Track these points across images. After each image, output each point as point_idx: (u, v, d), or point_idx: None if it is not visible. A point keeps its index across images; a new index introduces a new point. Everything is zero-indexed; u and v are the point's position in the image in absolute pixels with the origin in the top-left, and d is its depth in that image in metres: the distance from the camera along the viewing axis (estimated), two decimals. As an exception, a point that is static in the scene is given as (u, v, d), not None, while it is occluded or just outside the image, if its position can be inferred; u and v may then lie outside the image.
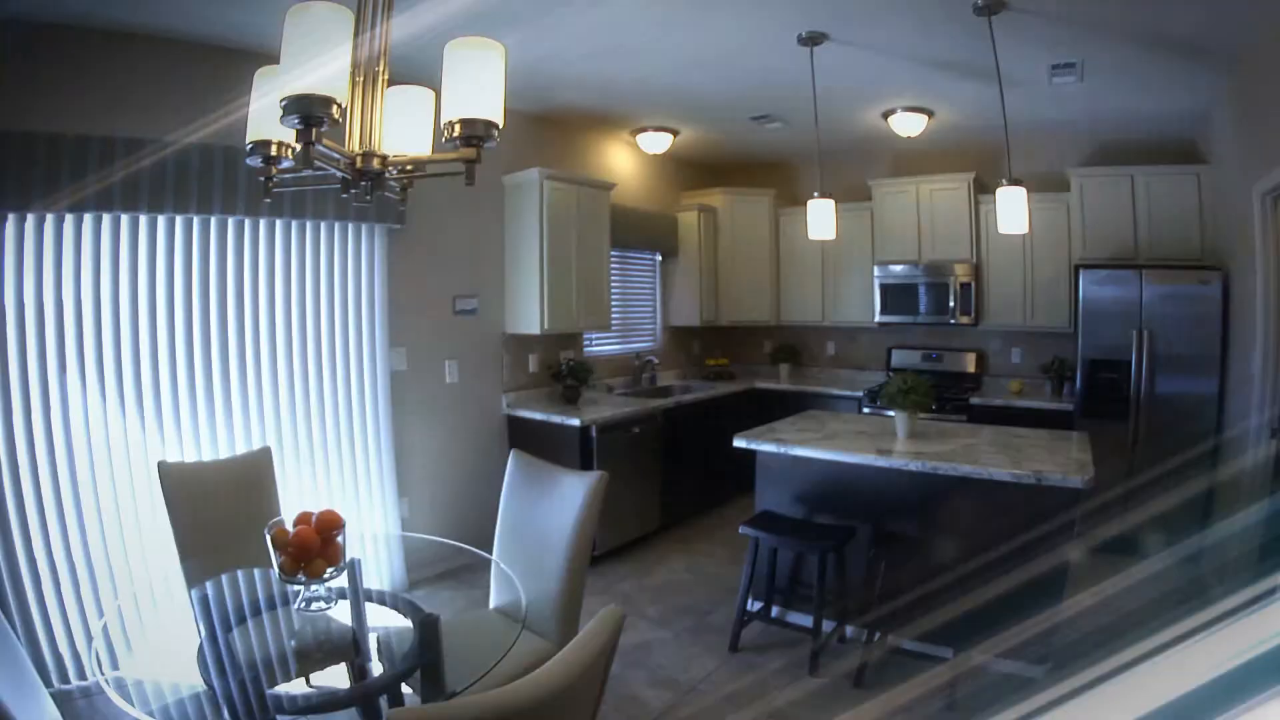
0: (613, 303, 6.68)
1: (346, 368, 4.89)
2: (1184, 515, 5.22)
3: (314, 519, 2.39)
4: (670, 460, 6.24)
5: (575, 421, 5.45)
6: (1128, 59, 4.69)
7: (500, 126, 1.98)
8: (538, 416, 5.73)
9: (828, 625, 4.16)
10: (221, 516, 3.30)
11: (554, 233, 5.74)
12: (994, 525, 3.84)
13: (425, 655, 2.39)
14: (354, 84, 1.92)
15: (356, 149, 1.97)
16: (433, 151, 2.20)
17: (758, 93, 5.62)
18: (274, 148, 2.13)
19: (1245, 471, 4.58)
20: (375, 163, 1.99)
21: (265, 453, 3.74)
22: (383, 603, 2.74)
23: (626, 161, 7.21)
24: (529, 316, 5.75)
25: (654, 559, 5.76)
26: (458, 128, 1.92)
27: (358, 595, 2.60)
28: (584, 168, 6.64)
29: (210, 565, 2.92)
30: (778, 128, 6.46)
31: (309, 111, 1.69)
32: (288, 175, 2.21)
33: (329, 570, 2.35)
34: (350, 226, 4.82)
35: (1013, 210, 4.19)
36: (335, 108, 1.72)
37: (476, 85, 1.94)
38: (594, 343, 6.84)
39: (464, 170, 2.03)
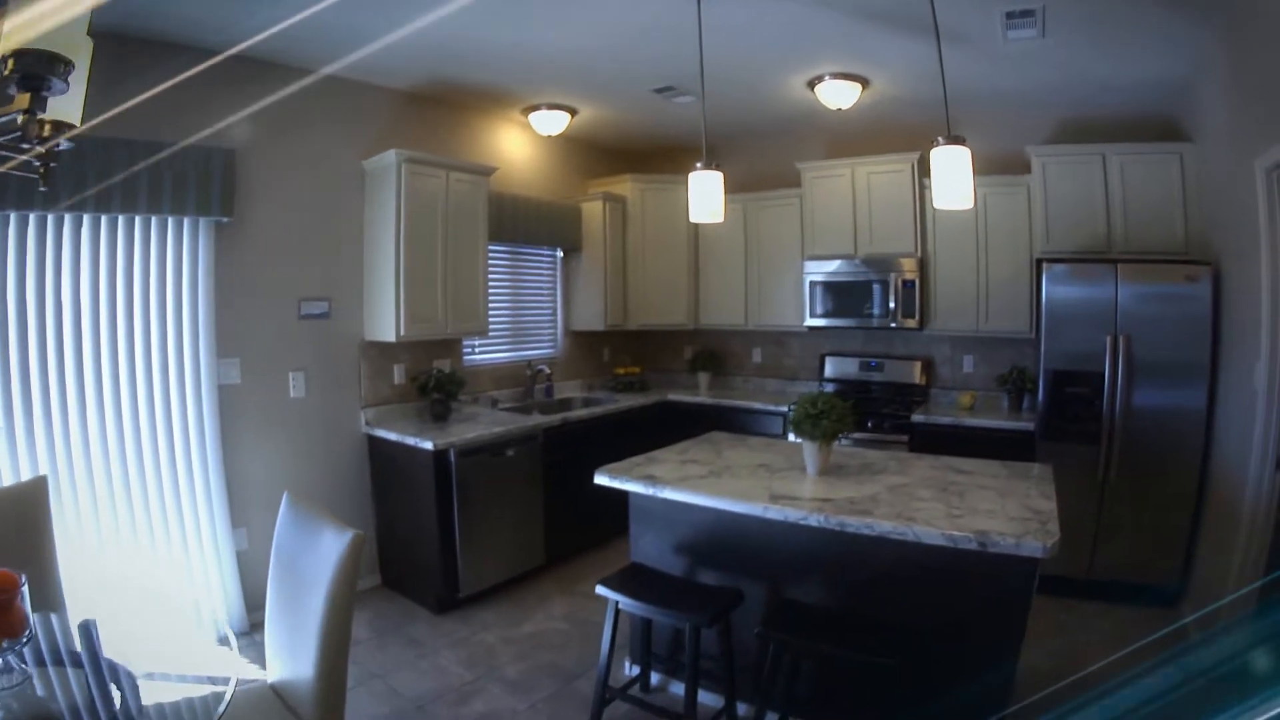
0: (499, 304, 5.67)
1: (165, 382, 3.99)
2: (1167, 561, 4.31)
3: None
4: (556, 487, 5.08)
5: (428, 445, 4.34)
6: (1098, 6, 3.65)
7: (70, 64, 1.49)
8: (392, 437, 4.64)
9: (713, 700, 3.32)
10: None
11: (414, 224, 4.68)
12: (926, 594, 2.83)
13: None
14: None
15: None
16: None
17: (652, 57, 4.48)
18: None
19: (1243, 509, 3.56)
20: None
21: (39, 483, 2.94)
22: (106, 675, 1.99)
23: (520, 145, 6.01)
24: (385, 321, 4.67)
25: (531, 603, 4.69)
26: (10, 64, 1.41)
27: (97, 665, 1.92)
28: (471, 152, 5.50)
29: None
30: (689, 102, 5.27)
31: None
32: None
33: (5, 642, 1.83)
34: (170, 221, 3.94)
35: (953, 177, 2.99)
36: None
37: (41, 9, 1.39)
38: (477, 350, 5.63)
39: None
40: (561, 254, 6.37)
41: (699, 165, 3.38)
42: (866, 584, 2.98)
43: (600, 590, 3.14)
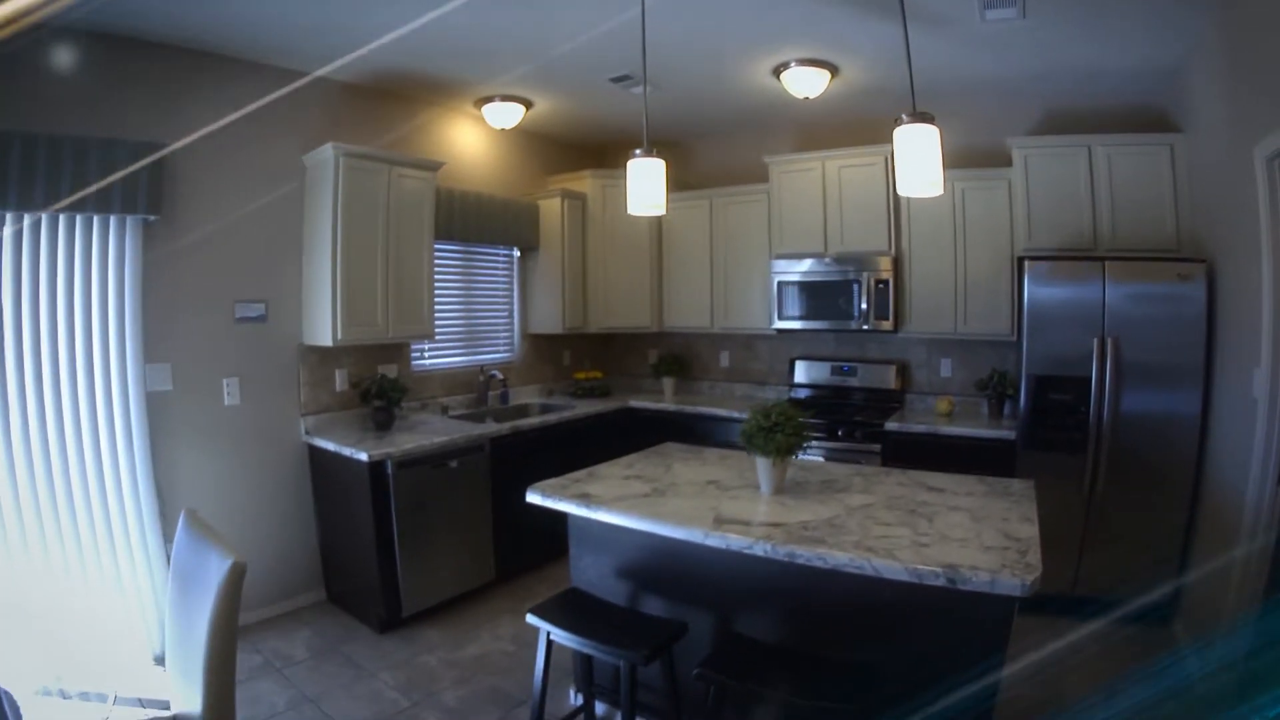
0: (450, 306, 5.31)
1: (90, 389, 3.65)
2: (1157, 578, 3.91)
3: None
4: (507, 499, 4.64)
5: (363, 456, 3.97)
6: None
7: None
8: (330, 447, 4.27)
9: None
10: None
11: (352, 222, 4.31)
12: (890, 631, 2.49)
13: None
14: None
15: None
16: None
17: (608, 43, 4.06)
18: None
19: (1241, 525, 3.23)
20: None
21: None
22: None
23: (474, 140, 5.58)
24: (323, 324, 4.30)
25: (478, 621, 4.33)
26: None
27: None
28: (421, 147, 5.10)
29: None
30: (649, 93, 4.89)
31: None
32: None
33: None
34: (95, 219, 3.62)
35: (920, 160, 2.59)
36: None
37: None
38: (427, 354, 5.21)
39: None
40: (518, 253, 5.94)
41: (638, 152, 2.97)
42: (823, 618, 2.60)
43: (531, 619, 2.78)
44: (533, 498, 3.05)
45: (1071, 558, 4.13)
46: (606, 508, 2.79)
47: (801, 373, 5.66)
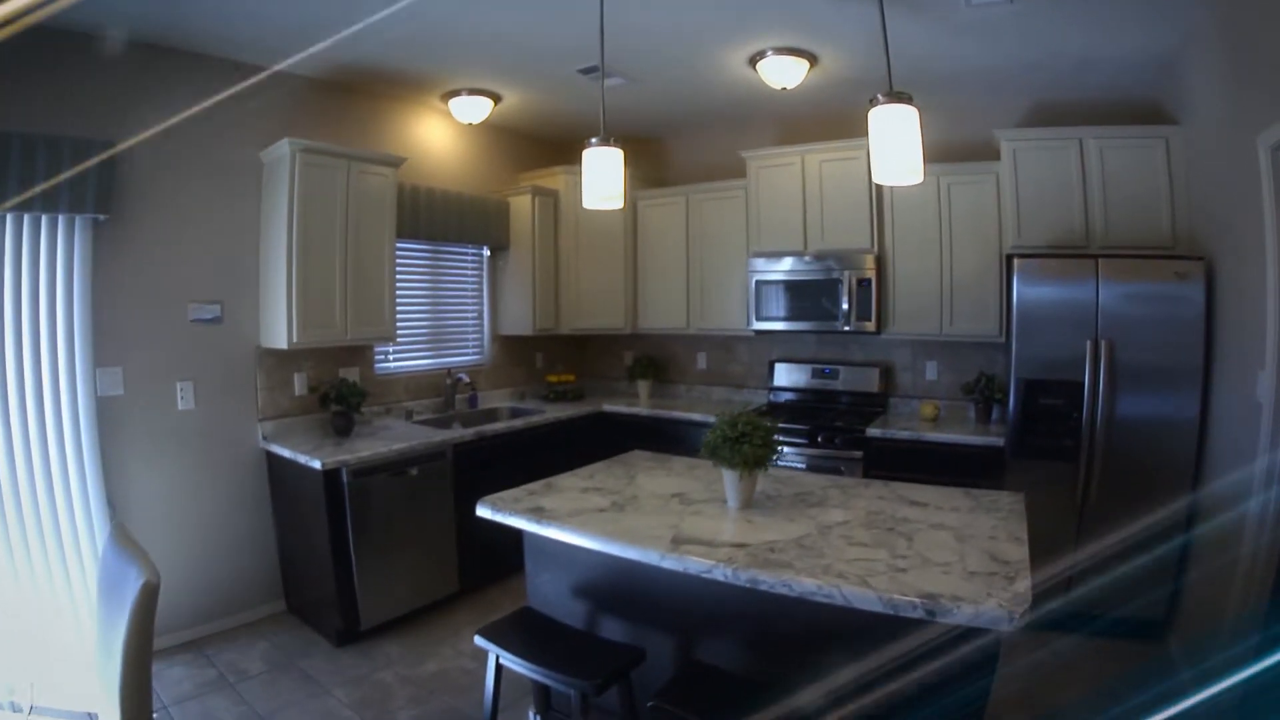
0: (415, 307, 5.08)
1: (39, 394, 3.49)
2: (1151, 591, 3.73)
3: None
4: (471, 508, 4.31)
5: (316, 464, 3.75)
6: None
7: None
8: (285, 454, 4.05)
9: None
10: None
11: (309, 219, 4.10)
12: (864, 660, 2.18)
13: None
14: None
15: None
16: None
17: (575, 32, 3.81)
18: None
19: (1241, 536, 3.01)
20: None
21: None
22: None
23: (441, 135, 5.33)
24: (279, 326, 4.08)
25: (440, 635, 4.11)
26: None
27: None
28: (386, 143, 4.86)
29: None
30: (620, 85, 4.62)
31: None
32: None
33: None
34: (43, 219, 3.46)
35: (898, 144, 2.35)
36: None
37: None
38: (391, 357, 4.95)
39: None
40: (488, 252, 5.66)
41: (594, 141, 2.72)
42: (792, 645, 2.38)
43: (479, 641, 2.59)
44: (483, 511, 2.83)
45: (1062, 569, 3.87)
46: (559, 524, 2.55)
47: (781, 375, 5.41)
